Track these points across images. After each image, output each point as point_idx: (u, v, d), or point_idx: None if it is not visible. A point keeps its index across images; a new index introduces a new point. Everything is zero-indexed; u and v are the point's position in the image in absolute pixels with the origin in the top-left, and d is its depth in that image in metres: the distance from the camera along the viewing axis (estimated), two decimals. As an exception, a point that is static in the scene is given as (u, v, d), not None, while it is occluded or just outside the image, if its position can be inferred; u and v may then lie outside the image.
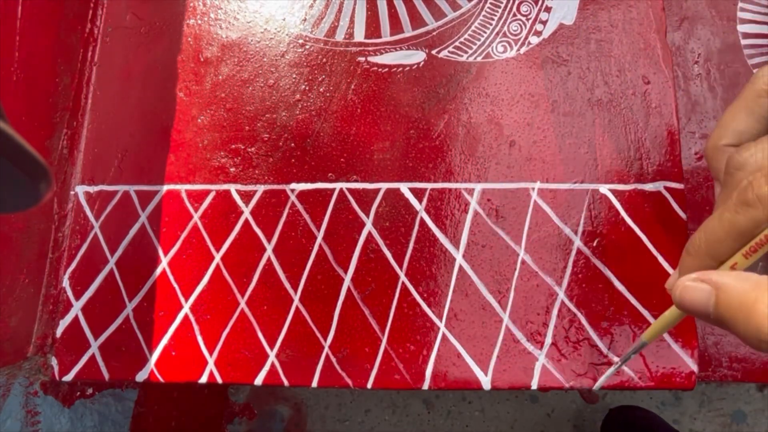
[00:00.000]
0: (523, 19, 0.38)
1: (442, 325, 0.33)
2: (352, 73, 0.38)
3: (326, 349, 0.33)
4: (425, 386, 0.32)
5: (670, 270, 0.33)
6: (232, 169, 0.37)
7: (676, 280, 0.21)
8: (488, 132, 0.36)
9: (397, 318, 0.33)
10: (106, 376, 0.34)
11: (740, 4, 0.42)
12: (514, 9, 0.39)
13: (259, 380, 0.33)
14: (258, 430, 0.84)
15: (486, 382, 0.32)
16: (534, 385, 0.32)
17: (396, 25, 0.39)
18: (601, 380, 0.31)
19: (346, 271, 0.34)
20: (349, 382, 0.33)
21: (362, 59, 0.38)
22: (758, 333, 0.17)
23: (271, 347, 0.33)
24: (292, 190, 0.36)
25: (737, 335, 0.18)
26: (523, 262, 0.34)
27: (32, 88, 0.36)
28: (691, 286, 0.19)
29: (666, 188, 0.34)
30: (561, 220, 0.34)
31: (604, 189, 0.35)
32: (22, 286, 0.34)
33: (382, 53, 0.38)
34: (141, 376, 0.34)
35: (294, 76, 0.38)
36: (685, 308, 0.20)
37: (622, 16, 0.38)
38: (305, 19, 0.39)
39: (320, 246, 0.35)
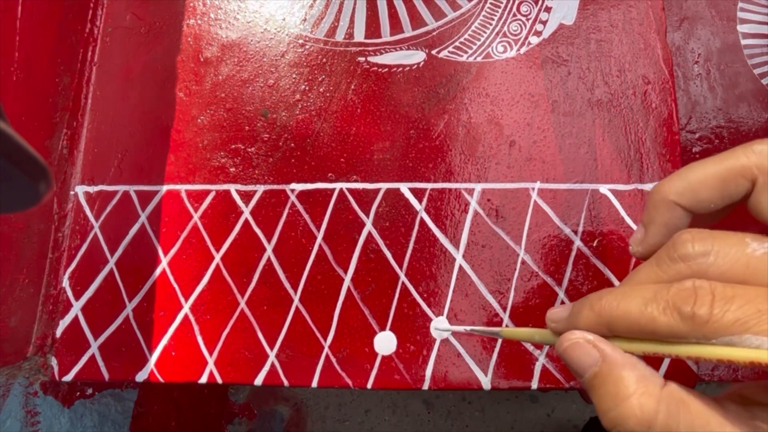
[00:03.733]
0: (523, 19, 0.38)
1: (442, 325, 0.33)
2: (352, 73, 0.38)
3: (326, 349, 0.33)
4: (425, 386, 0.32)
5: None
6: (232, 169, 0.37)
7: (568, 314, 0.20)
8: (488, 132, 0.36)
9: (397, 318, 0.33)
10: (106, 376, 0.34)
11: (740, 4, 0.42)
12: (514, 9, 0.39)
13: (259, 380, 0.33)
14: (258, 430, 0.84)
15: (486, 382, 0.32)
16: (534, 385, 0.32)
17: (396, 25, 0.39)
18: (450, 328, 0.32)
19: (346, 271, 0.34)
20: (349, 382, 0.33)
21: (362, 59, 0.38)
22: (613, 425, 0.17)
23: (271, 347, 0.33)
24: (292, 190, 0.36)
25: (596, 409, 0.18)
26: (523, 262, 0.34)
27: (32, 88, 0.36)
28: (582, 345, 0.18)
29: (666, 188, 0.34)
30: (561, 220, 0.34)
31: (604, 189, 0.35)
32: (22, 286, 0.34)
33: (382, 53, 0.38)
34: (141, 376, 0.33)
35: (294, 76, 0.38)
36: (566, 360, 0.19)
37: (622, 16, 0.38)
38: (305, 19, 0.39)
39: (320, 246, 0.35)
